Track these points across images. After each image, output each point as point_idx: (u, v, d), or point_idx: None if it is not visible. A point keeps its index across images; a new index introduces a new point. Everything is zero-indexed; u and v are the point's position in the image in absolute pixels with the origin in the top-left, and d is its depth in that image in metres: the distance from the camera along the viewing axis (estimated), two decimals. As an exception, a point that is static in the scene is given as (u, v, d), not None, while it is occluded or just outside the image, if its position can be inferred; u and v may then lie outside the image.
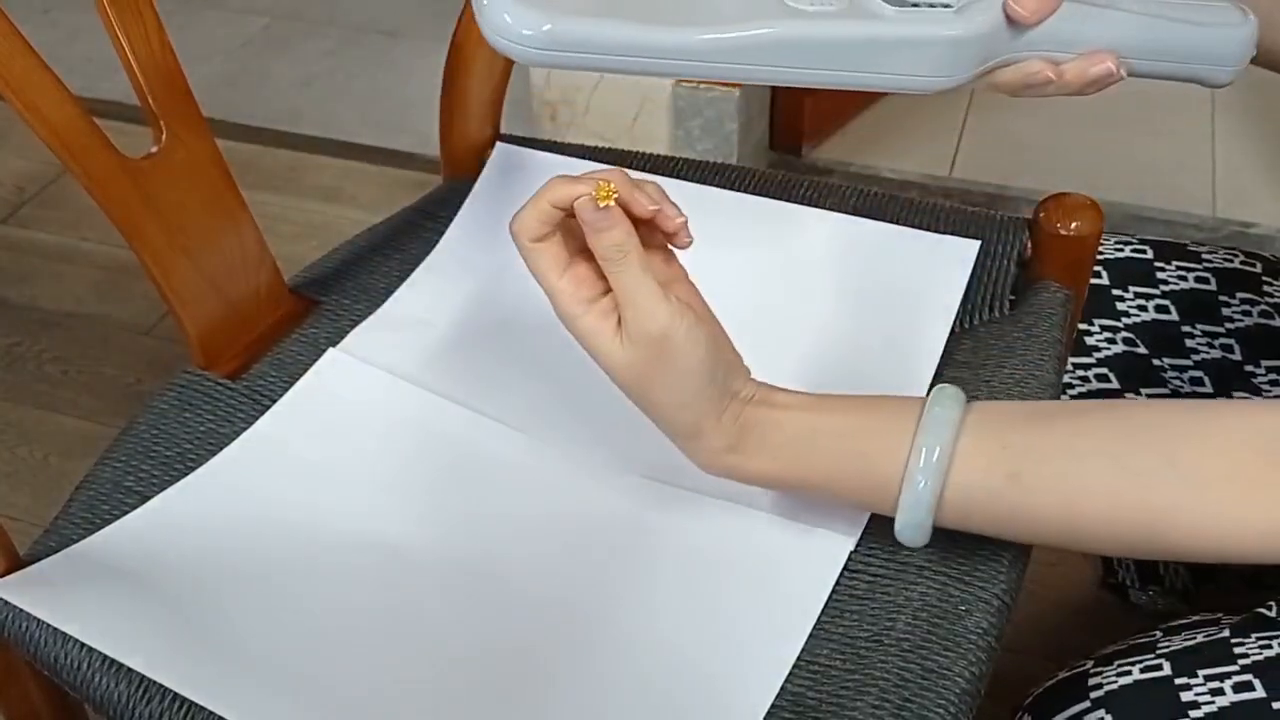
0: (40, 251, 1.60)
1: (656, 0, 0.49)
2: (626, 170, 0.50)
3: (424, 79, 1.93)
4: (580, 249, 0.50)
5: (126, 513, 0.56)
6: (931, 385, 0.60)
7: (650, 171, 0.74)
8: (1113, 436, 0.47)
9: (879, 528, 0.53)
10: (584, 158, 0.76)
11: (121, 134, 0.58)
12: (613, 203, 0.48)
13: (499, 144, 0.77)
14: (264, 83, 2.01)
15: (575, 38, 0.47)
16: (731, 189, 0.72)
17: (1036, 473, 0.47)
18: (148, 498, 0.57)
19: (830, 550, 0.53)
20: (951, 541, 0.51)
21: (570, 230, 0.50)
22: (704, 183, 0.73)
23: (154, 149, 0.60)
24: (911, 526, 0.48)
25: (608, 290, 0.49)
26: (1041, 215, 0.65)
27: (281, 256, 0.70)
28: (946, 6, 0.51)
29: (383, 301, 0.68)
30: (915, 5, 0.50)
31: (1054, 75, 0.53)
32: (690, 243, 0.52)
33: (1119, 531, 0.46)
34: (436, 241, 0.72)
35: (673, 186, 0.72)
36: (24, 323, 1.49)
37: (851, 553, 0.53)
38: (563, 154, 0.76)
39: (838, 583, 0.52)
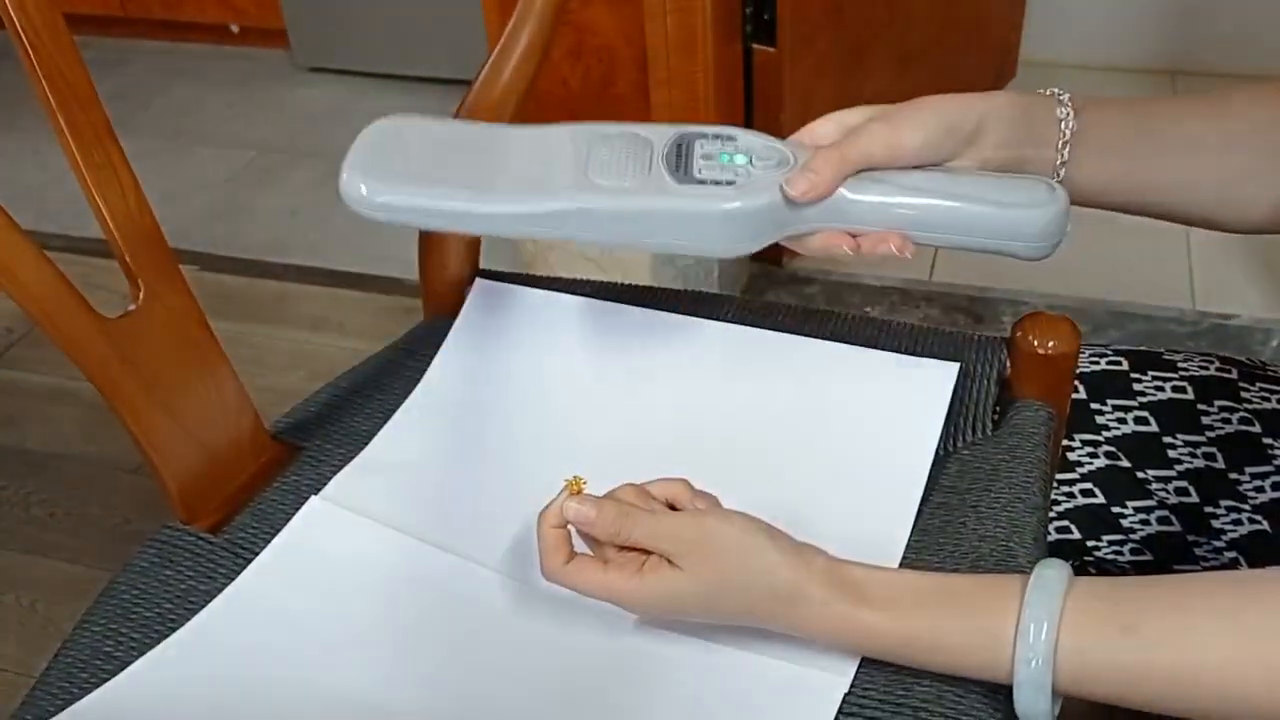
0: (28, 393, 1.61)
1: (488, 167, 0.56)
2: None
3: (408, 205, 1.94)
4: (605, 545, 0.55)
5: (105, 680, 0.55)
6: (919, 511, 0.60)
7: (629, 302, 0.75)
8: (1221, 593, 0.47)
9: (873, 667, 0.52)
10: (563, 290, 0.76)
11: (112, 273, 0.58)
12: (584, 489, 0.55)
13: (478, 280, 0.77)
14: (251, 214, 2.04)
15: (398, 204, 0.56)
16: (710, 318, 0.73)
17: (1151, 627, 0.46)
18: (127, 664, 0.56)
19: (824, 691, 0.52)
20: (946, 682, 0.50)
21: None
22: (682, 312, 0.73)
23: (131, 307, 0.60)
24: (1031, 686, 0.47)
25: (648, 553, 0.53)
26: (1019, 334, 0.65)
27: (269, 387, 0.70)
28: (730, 184, 0.56)
29: (365, 445, 0.68)
30: (701, 182, 0.56)
31: (850, 249, 0.57)
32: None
33: (1245, 691, 0.45)
34: (418, 380, 0.72)
35: (651, 317, 0.73)
36: (11, 466, 1.49)
37: (846, 694, 0.51)
38: (542, 288, 0.77)
39: (834, 725, 0.51)
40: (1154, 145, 0.59)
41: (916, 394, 0.66)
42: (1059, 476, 0.74)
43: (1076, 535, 0.75)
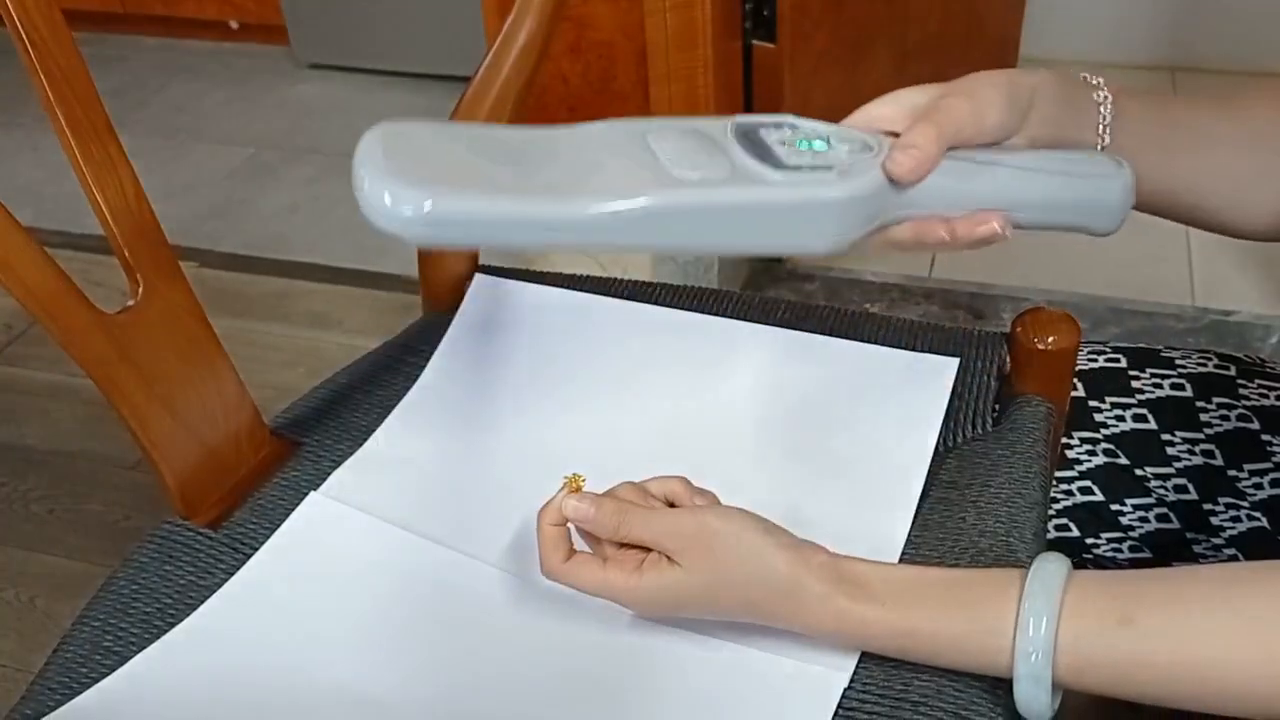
0: (28, 389, 1.61)
1: (539, 170, 0.47)
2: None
3: (407, 201, 1.94)
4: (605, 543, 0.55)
5: (104, 676, 0.55)
6: (919, 506, 0.60)
7: (629, 298, 0.75)
8: (1220, 584, 0.47)
9: (873, 662, 0.52)
10: (562, 286, 0.76)
11: (112, 269, 0.58)
12: (583, 487, 0.55)
13: (478, 275, 0.77)
14: (250, 211, 2.04)
15: (458, 216, 0.45)
16: (711, 313, 0.73)
17: (1151, 618, 0.46)
18: (126, 658, 0.56)
19: (824, 686, 0.52)
20: (946, 676, 0.50)
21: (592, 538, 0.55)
22: (683, 308, 0.74)
23: (130, 302, 0.60)
24: (1031, 679, 0.47)
25: (647, 550, 0.53)
26: (1019, 330, 0.65)
27: (270, 384, 0.70)
28: (829, 169, 0.50)
29: (364, 440, 0.68)
30: (797, 168, 0.50)
31: (946, 234, 0.53)
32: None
33: (1245, 680, 0.45)
34: (417, 376, 0.72)
35: (651, 313, 0.73)
36: (11, 462, 1.49)
37: (845, 689, 0.52)
38: (541, 283, 0.77)
39: (833, 720, 0.51)
40: (1176, 139, 0.59)
41: (916, 389, 0.66)
42: (1057, 474, 0.74)
43: (1075, 533, 0.75)
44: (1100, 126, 0.57)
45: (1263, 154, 0.59)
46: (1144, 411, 0.74)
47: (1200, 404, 0.73)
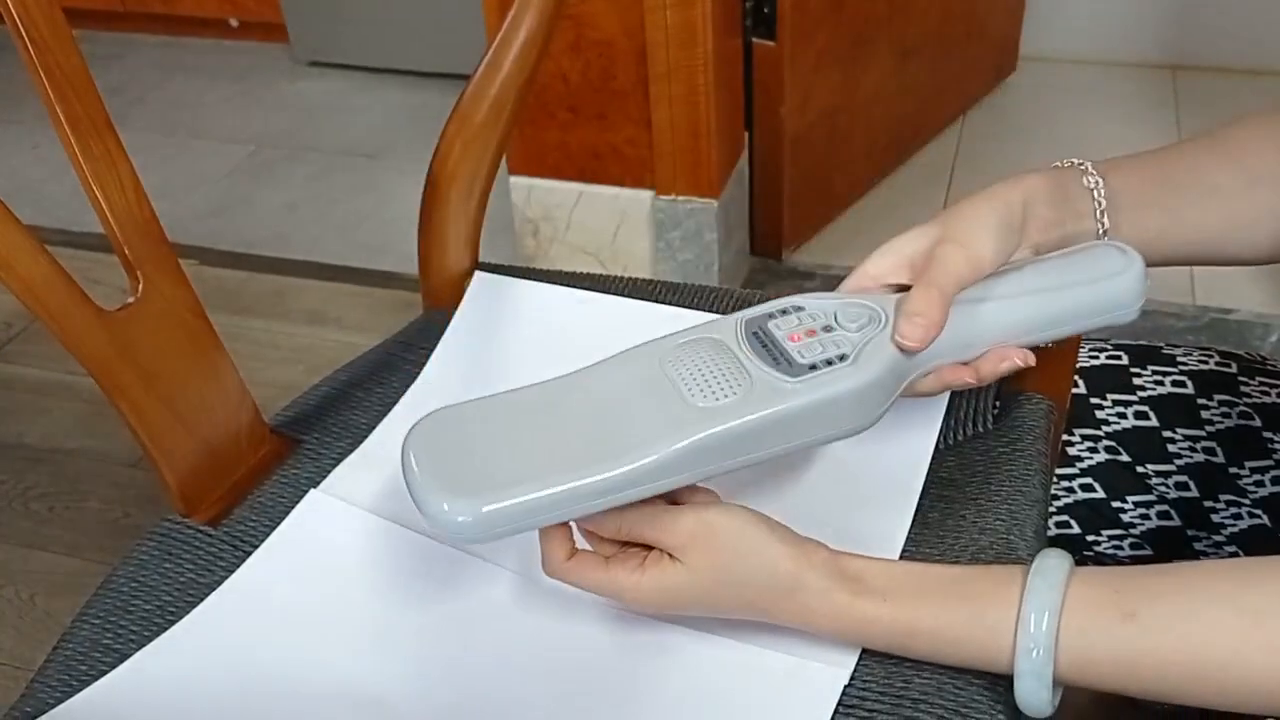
0: (27, 387, 1.61)
1: (578, 448, 0.49)
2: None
3: (406, 200, 1.95)
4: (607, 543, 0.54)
5: (104, 673, 0.55)
6: (919, 504, 0.60)
7: (630, 295, 0.75)
8: (1222, 578, 0.47)
9: (873, 659, 0.52)
10: (562, 284, 0.76)
11: (111, 267, 0.58)
12: None
13: (478, 273, 0.77)
14: (250, 209, 2.04)
15: (510, 512, 0.47)
16: (711, 311, 0.73)
17: (1152, 614, 0.46)
18: (126, 656, 0.56)
19: (825, 683, 0.52)
20: (947, 673, 0.50)
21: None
22: (683, 305, 0.73)
23: (130, 299, 0.60)
24: (1032, 676, 0.47)
25: (649, 548, 0.53)
26: (1019, 328, 0.65)
27: (269, 381, 0.70)
28: (842, 358, 0.51)
29: (364, 438, 0.68)
30: (812, 367, 0.51)
31: (971, 378, 0.55)
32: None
33: (1247, 676, 0.45)
34: (417, 374, 0.72)
35: (651, 310, 0.73)
36: (10, 460, 1.49)
37: (846, 686, 0.51)
38: (541, 280, 0.77)
39: (833, 718, 0.51)
40: (1175, 198, 0.59)
41: (917, 387, 0.66)
42: (1059, 471, 0.74)
43: (1076, 530, 0.75)
44: (1097, 211, 0.58)
45: (1261, 194, 0.59)
46: (1145, 409, 0.74)
47: (1201, 401, 0.73)
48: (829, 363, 0.51)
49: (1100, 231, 0.58)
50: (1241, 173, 0.59)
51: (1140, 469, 0.74)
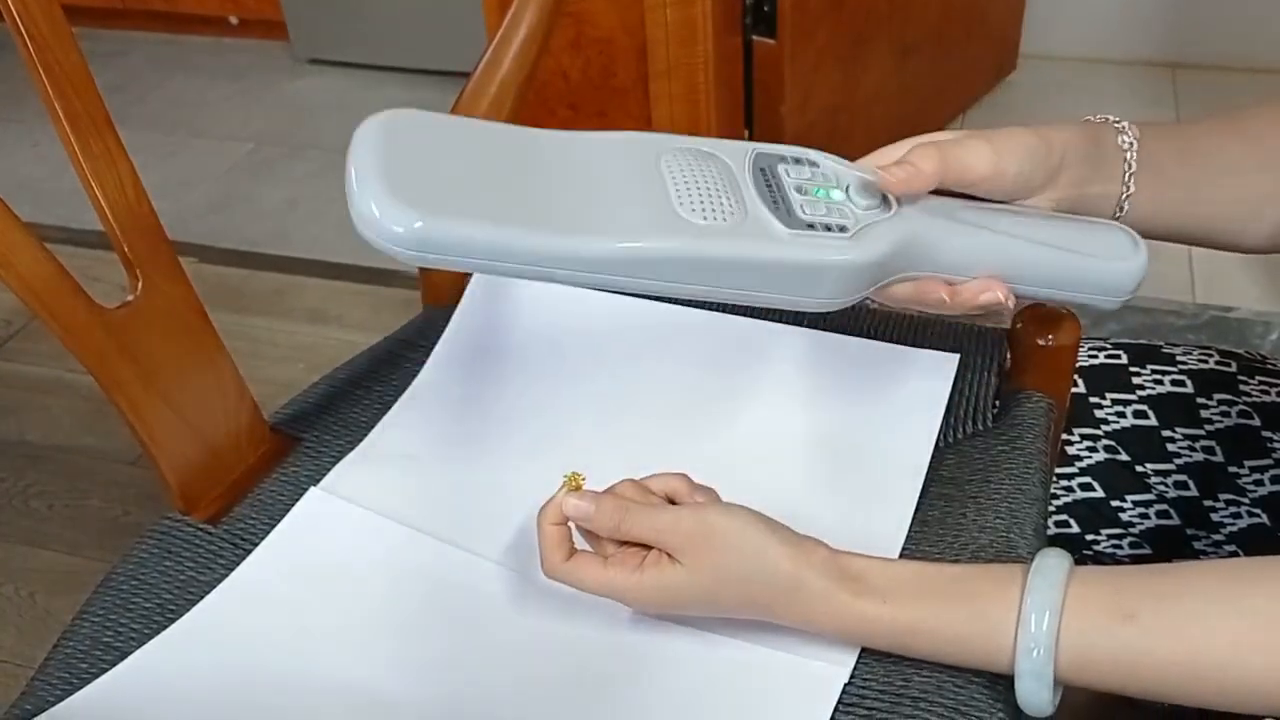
0: (27, 385, 1.60)
1: (543, 204, 0.46)
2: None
3: (407, 197, 1.94)
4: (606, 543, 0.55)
5: (105, 671, 0.55)
6: (919, 502, 0.60)
7: (629, 293, 0.75)
8: (1221, 579, 0.47)
9: (873, 658, 0.52)
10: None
11: (111, 265, 0.58)
12: (583, 485, 0.54)
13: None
14: (249, 207, 2.04)
15: (449, 240, 0.43)
16: (710, 309, 0.73)
17: (1152, 614, 0.46)
18: (126, 654, 0.56)
19: (825, 682, 0.52)
20: (946, 672, 0.50)
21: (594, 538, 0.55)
22: (683, 303, 0.73)
23: (130, 297, 0.60)
24: (1033, 676, 0.47)
25: (648, 548, 0.53)
26: (1019, 326, 0.65)
27: (268, 379, 0.70)
28: (842, 230, 0.49)
29: (364, 436, 0.68)
30: (811, 227, 0.48)
31: (947, 296, 0.53)
32: None
33: (1247, 676, 0.45)
34: (417, 372, 0.72)
35: (650, 308, 0.73)
36: (10, 458, 1.49)
37: (846, 684, 0.51)
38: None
39: (833, 717, 0.51)
40: (1200, 172, 0.59)
41: (917, 385, 0.66)
42: (1058, 471, 0.74)
43: (1075, 529, 0.75)
44: (1126, 175, 0.57)
45: (1274, 175, 0.59)
46: (1144, 408, 0.74)
47: (1201, 400, 0.73)
48: (828, 228, 0.49)
49: (1124, 195, 0.57)
50: (1259, 154, 0.59)
51: (1139, 468, 0.74)
